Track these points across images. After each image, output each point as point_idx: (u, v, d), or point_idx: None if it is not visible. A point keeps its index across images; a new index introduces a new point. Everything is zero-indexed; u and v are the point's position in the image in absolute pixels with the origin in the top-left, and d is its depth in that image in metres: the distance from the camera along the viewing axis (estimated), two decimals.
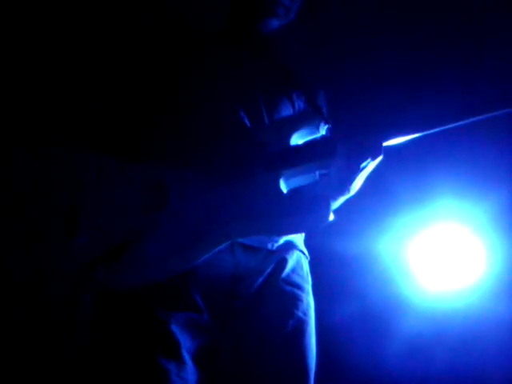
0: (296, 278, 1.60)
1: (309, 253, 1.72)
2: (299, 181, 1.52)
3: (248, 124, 1.58)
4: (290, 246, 1.62)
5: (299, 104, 1.73)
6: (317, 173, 1.53)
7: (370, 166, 1.51)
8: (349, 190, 1.54)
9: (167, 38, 1.69)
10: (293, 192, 1.50)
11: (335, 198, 1.56)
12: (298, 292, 1.59)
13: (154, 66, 1.65)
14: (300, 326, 1.56)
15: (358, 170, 1.49)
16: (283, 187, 1.50)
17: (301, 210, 1.42)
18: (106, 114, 1.62)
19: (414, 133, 1.50)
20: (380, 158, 1.49)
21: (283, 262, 1.59)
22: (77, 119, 1.67)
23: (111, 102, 1.63)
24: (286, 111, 1.68)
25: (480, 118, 1.46)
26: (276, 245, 1.58)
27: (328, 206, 1.42)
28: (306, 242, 1.72)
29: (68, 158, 1.59)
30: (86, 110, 1.67)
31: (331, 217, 1.43)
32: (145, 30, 1.73)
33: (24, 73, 2.30)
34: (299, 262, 1.64)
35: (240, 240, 1.51)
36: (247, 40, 1.74)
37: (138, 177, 1.49)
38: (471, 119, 1.47)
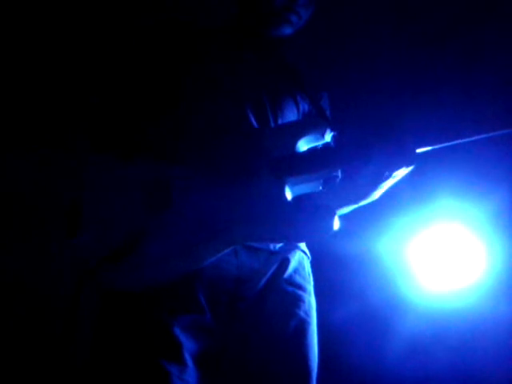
0: (298, 279, 1.60)
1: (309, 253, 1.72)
2: (305, 188, 1.51)
3: (254, 125, 1.58)
4: (292, 247, 1.62)
5: (303, 105, 1.73)
6: (321, 181, 1.52)
7: (401, 173, 1.50)
8: (373, 196, 1.54)
9: (170, 37, 1.68)
10: (297, 199, 1.48)
11: (341, 206, 1.55)
12: (300, 292, 1.59)
13: (157, 65, 1.65)
14: (302, 326, 1.55)
15: (390, 178, 1.47)
16: (288, 194, 1.49)
17: (304, 219, 1.40)
18: (107, 113, 1.62)
19: (446, 142, 1.48)
20: (412, 167, 1.48)
21: (285, 263, 1.58)
22: (78, 119, 1.67)
23: (113, 101, 1.63)
24: (291, 112, 1.68)
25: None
26: (278, 246, 1.58)
27: (332, 215, 1.39)
28: (306, 243, 1.72)
29: (69, 158, 1.59)
30: (87, 109, 1.66)
31: (336, 226, 1.42)
32: (147, 28, 1.73)
33: (24, 73, 2.30)
34: (301, 262, 1.64)
35: None
36: (252, 41, 1.73)
37: (141, 177, 1.49)
38: (503, 132, 1.46)
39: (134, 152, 1.55)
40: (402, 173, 1.50)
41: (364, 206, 1.62)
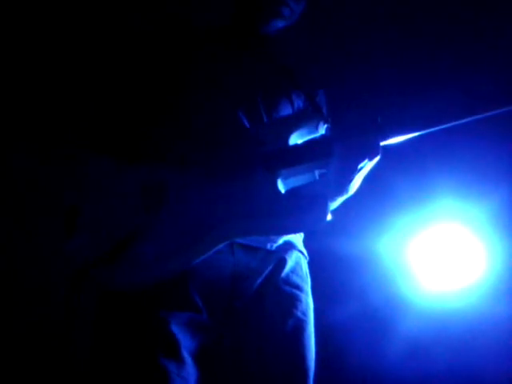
0: (295, 279, 1.60)
1: (309, 253, 1.72)
2: (298, 181, 1.52)
3: (247, 123, 1.58)
4: (289, 247, 1.62)
5: (298, 103, 1.73)
6: (316, 172, 1.52)
7: (368, 166, 1.51)
8: (347, 191, 1.54)
9: (167, 38, 1.69)
10: (291, 192, 1.50)
11: (333, 199, 1.55)
12: (297, 292, 1.59)
13: (153, 66, 1.65)
14: (299, 326, 1.55)
15: (356, 171, 1.48)
16: (281, 187, 1.49)
17: (298, 211, 1.42)
18: (106, 114, 1.62)
19: (411, 132, 1.49)
20: (378, 158, 1.49)
21: (282, 263, 1.58)
22: (77, 119, 1.67)
23: (111, 101, 1.63)
24: (285, 110, 1.68)
25: (479, 116, 1.46)
26: (275, 245, 1.58)
27: (326, 206, 1.42)
28: (306, 242, 1.72)
29: (68, 158, 1.59)
30: (86, 110, 1.67)
31: (329, 217, 1.43)
32: (145, 29, 1.73)
33: (24, 73, 2.30)
34: (298, 262, 1.64)
35: (239, 240, 1.51)
36: (247, 39, 1.74)
37: (138, 177, 1.49)
38: (470, 118, 1.46)
39: (133, 152, 1.55)
40: (368, 166, 1.50)
41: (364, 206, 1.62)
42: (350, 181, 1.51)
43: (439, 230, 2.58)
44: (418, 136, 1.50)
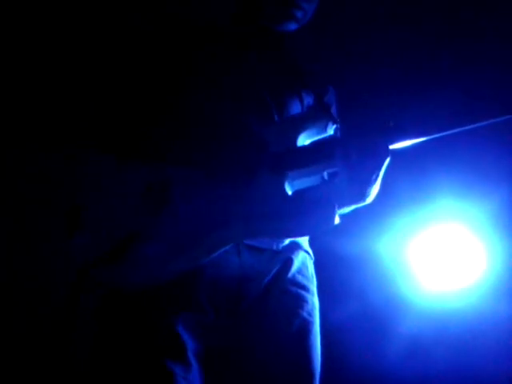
0: (301, 279, 1.60)
1: None
2: (305, 182, 1.51)
3: (256, 123, 1.57)
4: (295, 247, 1.61)
5: (308, 101, 1.71)
6: (325, 173, 1.51)
7: (381, 171, 1.48)
8: (363, 198, 1.52)
9: (167, 38, 1.68)
10: (297, 194, 1.49)
11: (347, 204, 1.53)
12: (303, 293, 1.59)
13: (153, 66, 1.65)
14: (305, 327, 1.55)
15: (365, 174, 1.46)
16: (288, 189, 1.48)
17: (304, 213, 1.41)
18: (106, 113, 1.62)
19: (420, 137, 1.48)
20: (387, 161, 1.47)
21: (289, 263, 1.58)
22: (77, 119, 1.67)
23: (112, 101, 1.63)
24: (295, 108, 1.66)
25: (486, 123, 1.45)
26: (281, 245, 1.57)
27: (332, 209, 1.40)
28: (308, 238, 1.72)
29: (68, 158, 1.59)
30: (86, 109, 1.66)
31: (336, 220, 1.42)
32: (147, 28, 1.73)
33: (24, 73, 2.30)
34: (304, 262, 1.63)
35: (246, 241, 1.50)
36: (254, 39, 1.72)
37: (140, 177, 1.49)
38: (478, 124, 1.45)
39: (135, 153, 1.55)
40: (381, 171, 1.48)
41: (364, 206, 1.61)
42: (361, 184, 1.48)
43: (439, 230, 2.59)
44: (426, 141, 1.48)
